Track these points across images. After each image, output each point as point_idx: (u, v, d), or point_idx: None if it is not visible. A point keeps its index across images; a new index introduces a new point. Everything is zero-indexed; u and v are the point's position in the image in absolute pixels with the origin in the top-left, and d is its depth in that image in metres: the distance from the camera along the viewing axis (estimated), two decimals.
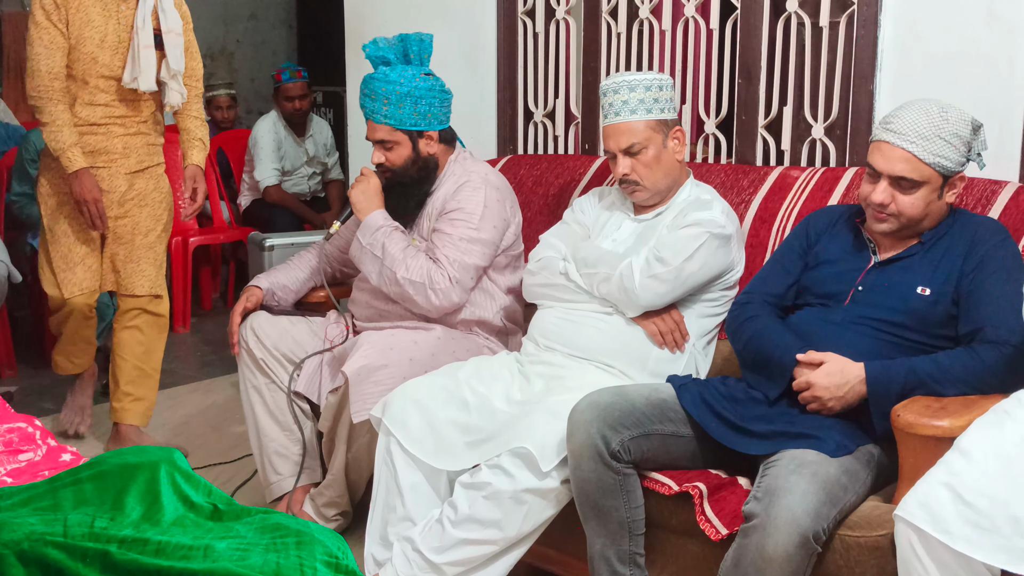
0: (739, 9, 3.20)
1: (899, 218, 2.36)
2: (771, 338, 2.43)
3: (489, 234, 2.92)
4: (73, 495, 1.72)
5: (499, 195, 2.98)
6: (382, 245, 2.90)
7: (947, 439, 2.01)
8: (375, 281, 2.94)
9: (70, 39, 3.35)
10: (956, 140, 2.30)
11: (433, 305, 2.88)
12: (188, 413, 4.29)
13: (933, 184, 2.33)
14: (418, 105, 2.93)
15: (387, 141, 2.97)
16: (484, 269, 2.97)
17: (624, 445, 2.32)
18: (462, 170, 3.02)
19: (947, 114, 2.30)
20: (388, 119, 2.94)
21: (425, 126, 2.97)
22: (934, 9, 2.82)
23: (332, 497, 2.98)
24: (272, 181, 5.77)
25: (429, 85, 2.96)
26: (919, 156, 2.29)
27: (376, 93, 2.93)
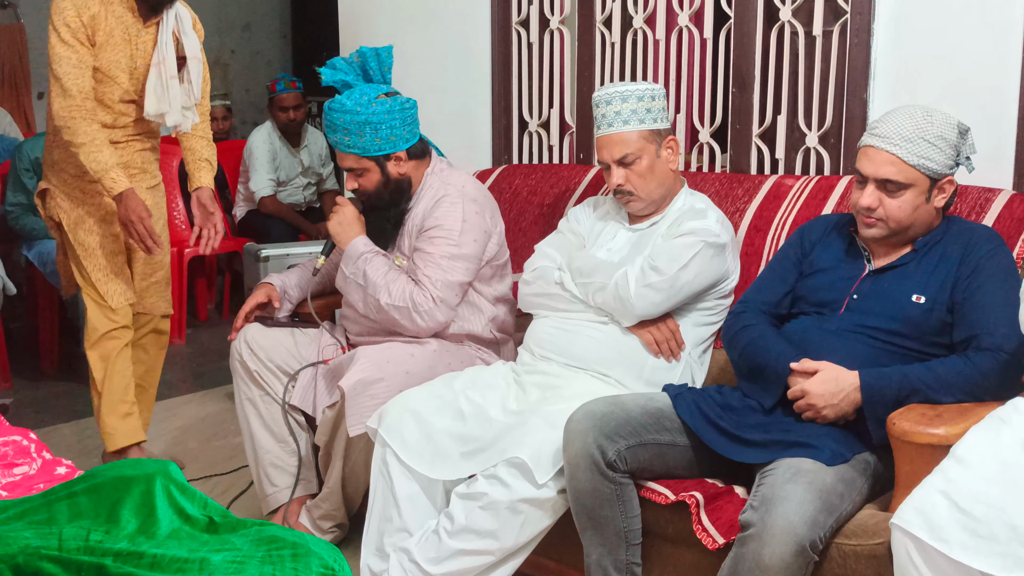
0: (733, 18, 3.21)
1: (887, 222, 2.37)
2: (766, 347, 2.43)
3: (471, 248, 2.90)
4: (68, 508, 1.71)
5: (478, 207, 2.94)
6: (364, 273, 2.88)
7: (943, 447, 2.01)
8: (362, 310, 2.93)
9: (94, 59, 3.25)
10: (941, 142, 2.31)
11: (419, 327, 2.86)
12: (184, 424, 4.28)
13: (920, 187, 2.33)
14: (378, 131, 2.87)
15: (356, 168, 2.94)
16: (469, 283, 2.95)
17: (620, 455, 2.31)
18: (439, 183, 2.98)
19: (932, 117, 2.32)
20: (352, 148, 2.90)
21: (390, 149, 2.91)
22: (927, 16, 2.83)
23: (328, 510, 2.97)
24: (267, 192, 5.77)
25: (387, 108, 2.88)
26: (903, 158, 2.30)
27: (336, 124, 2.89)
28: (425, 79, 4.11)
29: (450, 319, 2.91)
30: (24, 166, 4.90)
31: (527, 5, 3.76)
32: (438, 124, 4.01)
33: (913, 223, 2.38)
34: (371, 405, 2.71)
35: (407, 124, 2.94)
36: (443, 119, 4.02)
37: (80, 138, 3.19)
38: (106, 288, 3.43)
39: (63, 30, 3.17)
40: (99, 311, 3.44)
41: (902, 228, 2.38)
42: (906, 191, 2.33)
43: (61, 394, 4.73)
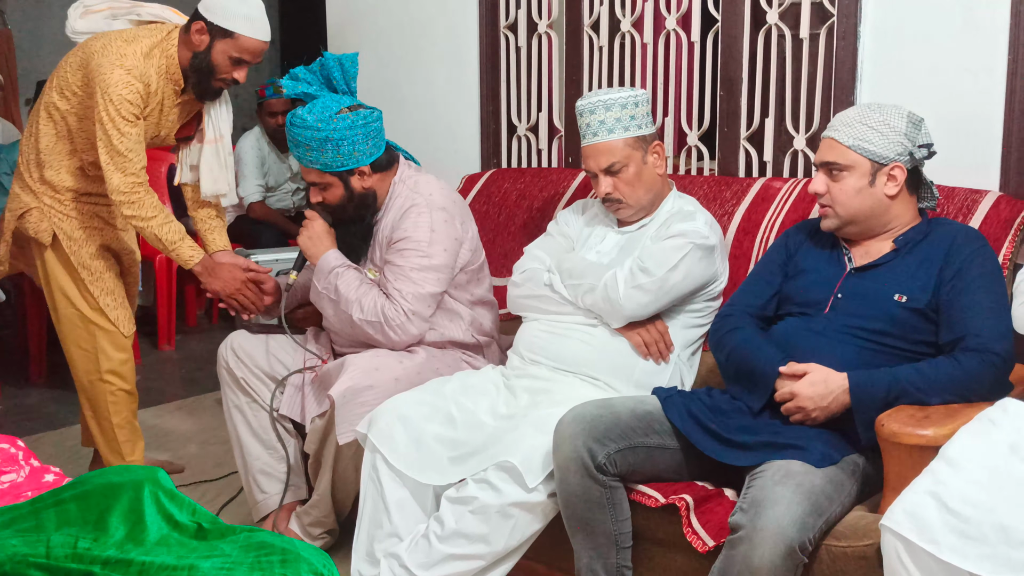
0: (720, 22, 3.22)
1: (835, 209, 2.42)
2: (753, 350, 2.44)
3: (441, 258, 2.87)
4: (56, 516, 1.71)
5: (446, 215, 2.90)
6: (335, 288, 2.86)
7: (932, 448, 2.02)
8: (336, 326, 2.92)
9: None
10: (884, 127, 2.36)
11: (393, 341, 2.84)
12: (173, 431, 4.27)
13: (860, 169, 2.38)
14: (340, 147, 2.83)
15: (319, 183, 2.91)
16: (441, 293, 2.92)
17: (610, 458, 2.32)
18: (408, 192, 2.94)
19: (880, 108, 2.40)
20: (314, 164, 2.86)
21: (353, 164, 2.87)
22: (912, 19, 2.84)
23: (318, 516, 2.96)
24: (256, 197, 5.75)
25: (348, 124, 2.82)
26: (840, 140, 2.38)
27: (296, 139, 2.84)
28: (413, 83, 4.11)
29: (423, 331, 2.89)
30: (4, 170, 4.89)
31: (515, 9, 3.77)
32: (426, 128, 4.02)
33: (861, 210, 2.40)
34: (361, 413, 2.70)
35: (370, 138, 2.88)
36: (432, 123, 4.03)
37: (149, 212, 3.06)
38: (116, 314, 3.28)
39: (125, 107, 3.02)
40: (109, 340, 3.27)
41: (851, 215, 2.41)
42: (847, 173, 2.39)
43: (49, 402, 4.71)
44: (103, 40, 3.09)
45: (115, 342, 3.29)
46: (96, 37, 3.14)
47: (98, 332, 3.27)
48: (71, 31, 3.28)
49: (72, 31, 3.27)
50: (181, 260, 3.13)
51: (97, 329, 3.27)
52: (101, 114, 3.01)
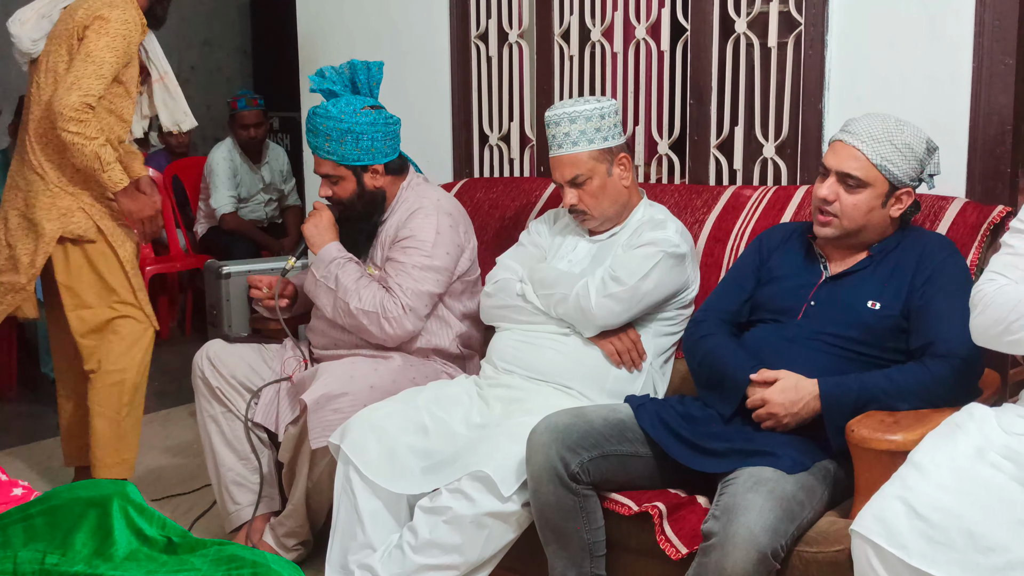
0: (689, 31, 3.24)
1: (841, 220, 2.40)
2: (724, 356, 2.45)
3: (442, 261, 2.91)
4: (23, 531, 1.69)
5: (452, 221, 2.96)
6: (336, 277, 2.88)
7: (901, 453, 2.03)
8: (330, 314, 2.92)
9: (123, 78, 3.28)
10: (907, 151, 2.35)
11: (387, 334, 2.86)
12: (145, 443, 4.23)
13: (878, 188, 2.36)
14: (360, 141, 2.89)
15: (332, 176, 2.95)
16: (439, 296, 2.95)
17: (583, 466, 2.32)
18: (415, 196, 3.00)
19: (903, 126, 2.37)
20: (331, 155, 2.90)
21: (369, 160, 2.93)
22: (878, 29, 2.87)
23: (292, 527, 2.95)
24: (228, 209, 5.74)
25: (371, 120, 2.90)
26: (868, 156, 2.34)
27: (318, 129, 2.90)
28: (384, 94, 4.09)
29: (418, 328, 2.90)
30: None
31: (485, 19, 3.77)
32: None
33: (865, 226, 2.41)
34: (334, 419, 2.69)
35: (388, 139, 2.95)
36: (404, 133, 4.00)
37: (93, 132, 3.12)
38: (148, 310, 3.41)
39: (120, 42, 3.16)
40: (147, 335, 3.43)
41: (854, 229, 2.41)
42: (864, 190, 2.36)
43: (18, 415, 4.67)
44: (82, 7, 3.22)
45: (146, 335, 3.42)
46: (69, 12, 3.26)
47: (127, 325, 3.38)
48: (28, 45, 3.39)
49: (30, 42, 3.38)
50: (112, 182, 3.20)
51: (126, 322, 3.38)
52: (89, 44, 3.13)
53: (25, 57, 3.45)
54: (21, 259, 3.33)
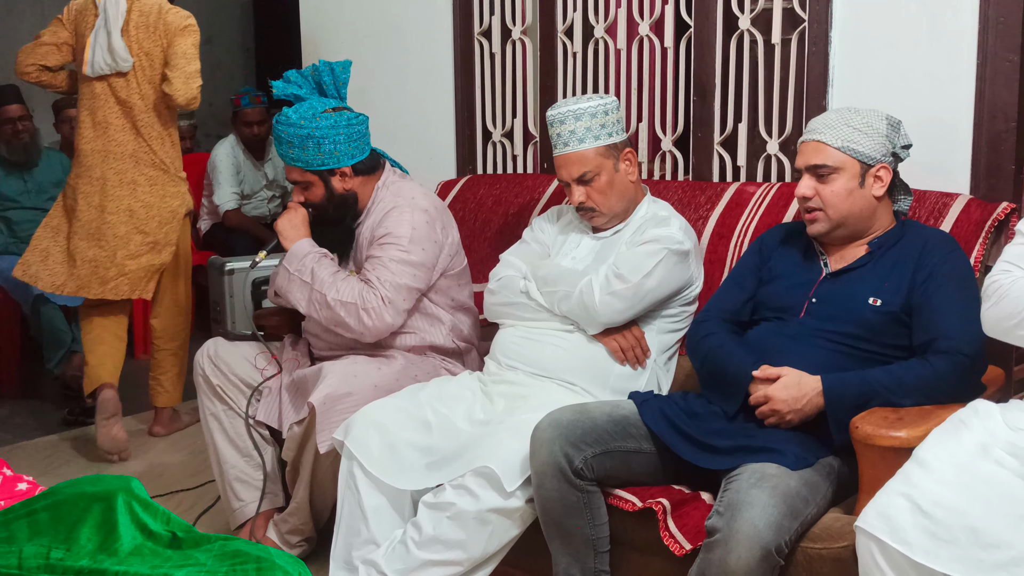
0: (692, 27, 3.24)
1: (827, 211, 2.42)
2: (726, 354, 2.45)
3: (419, 256, 2.87)
4: (28, 526, 1.69)
5: (428, 217, 2.92)
6: (311, 271, 2.86)
7: (905, 449, 2.03)
8: (304, 309, 2.89)
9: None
10: (868, 128, 2.39)
11: (366, 326, 2.82)
12: (149, 440, 4.24)
13: (850, 170, 2.39)
14: (322, 145, 2.86)
15: (300, 182, 2.94)
16: (420, 291, 2.92)
17: (587, 463, 2.32)
18: (390, 196, 2.97)
19: (858, 110, 2.43)
20: (296, 161, 2.90)
21: (334, 164, 2.90)
22: (880, 26, 2.87)
23: (296, 524, 2.95)
24: (231, 205, 5.74)
25: (331, 123, 2.87)
26: (828, 143, 2.39)
27: (280, 137, 2.89)
28: (387, 91, 4.11)
29: (397, 323, 2.87)
30: None
31: (489, 16, 3.77)
32: (401, 136, 4.02)
33: (852, 212, 2.42)
34: (340, 420, 2.69)
35: (353, 140, 2.92)
36: (406, 130, 4.02)
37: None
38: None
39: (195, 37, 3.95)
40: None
41: (842, 217, 2.42)
42: (837, 175, 2.40)
43: (22, 412, 4.68)
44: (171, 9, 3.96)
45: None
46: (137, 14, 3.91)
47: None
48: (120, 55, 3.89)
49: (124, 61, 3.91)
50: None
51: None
52: (181, 45, 3.87)
53: (113, 69, 3.91)
54: (159, 239, 4.00)
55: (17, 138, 4.92)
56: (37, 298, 4.63)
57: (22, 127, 4.93)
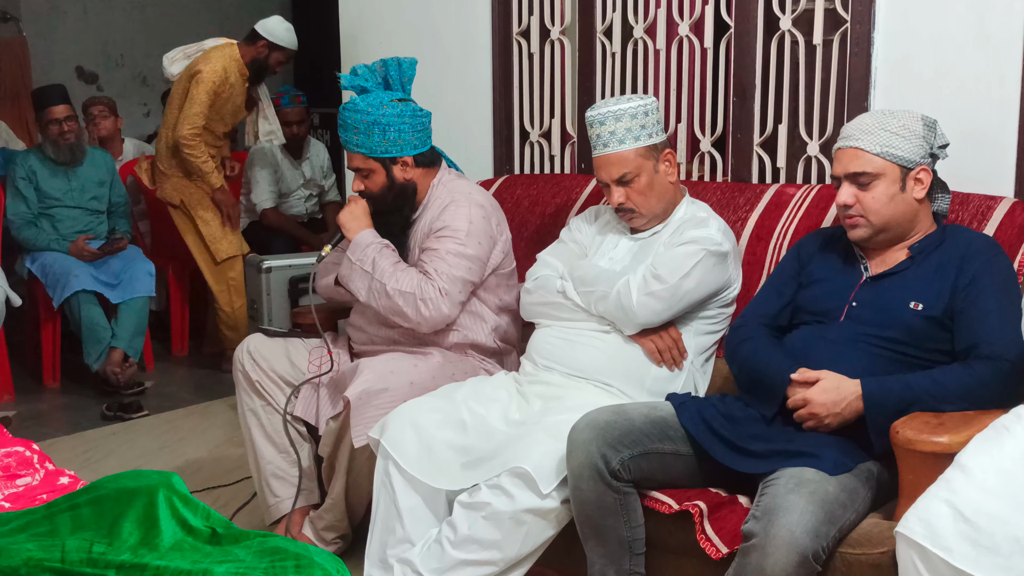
0: (733, 28, 3.22)
1: (869, 218, 2.40)
2: (764, 358, 2.44)
3: (475, 250, 2.90)
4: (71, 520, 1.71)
5: (484, 212, 2.96)
6: (372, 260, 2.89)
7: (947, 455, 2.01)
8: (364, 298, 2.91)
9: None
10: (906, 132, 2.36)
11: (423, 317, 2.85)
12: (187, 435, 4.28)
13: (890, 175, 2.37)
14: (387, 132, 2.90)
15: (362, 169, 2.97)
16: (474, 285, 2.94)
17: (624, 464, 2.31)
18: (447, 192, 3.00)
19: (894, 113, 2.40)
20: (360, 147, 2.92)
21: (397, 152, 2.93)
22: (926, 27, 2.84)
23: (331, 521, 2.97)
24: (269, 204, 5.77)
25: (398, 112, 2.91)
26: (867, 149, 2.37)
27: (347, 123, 2.92)
28: (426, 91, 4.10)
29: (454, 314, 2.90)
30: (20, 175, 4.92)
31: (527, 16, 3.77)
32: (439, 135, 4.00)
33: (894, 216, 2.39)
34: (375, 416, 2.70)
35: (416, 131, 2.96)
36: (444, 130, 4.02)
37: (201, 156, 4.96)
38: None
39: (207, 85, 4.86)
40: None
41: (884, 223, 2.40)
42: (878, 181, 2.37)
43: (62, 406, 4.74)
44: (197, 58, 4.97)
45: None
46: (196, 61, 4.96)
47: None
48: (168, 74, 5.10)
49: (168, 75, 5.10)
50: (211, 183, 5.01)
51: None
52: (192, 91, 4.85)
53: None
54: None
55: (63, 138, 4.97)
56: (77, 294, 4.68)
57: (68, 127, 4.98)
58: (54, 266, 4.81)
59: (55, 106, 4.97)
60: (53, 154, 4.98)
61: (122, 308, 4.81)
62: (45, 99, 5.02)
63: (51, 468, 2.20)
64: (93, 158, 5.16)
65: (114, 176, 5.24)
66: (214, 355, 5.39)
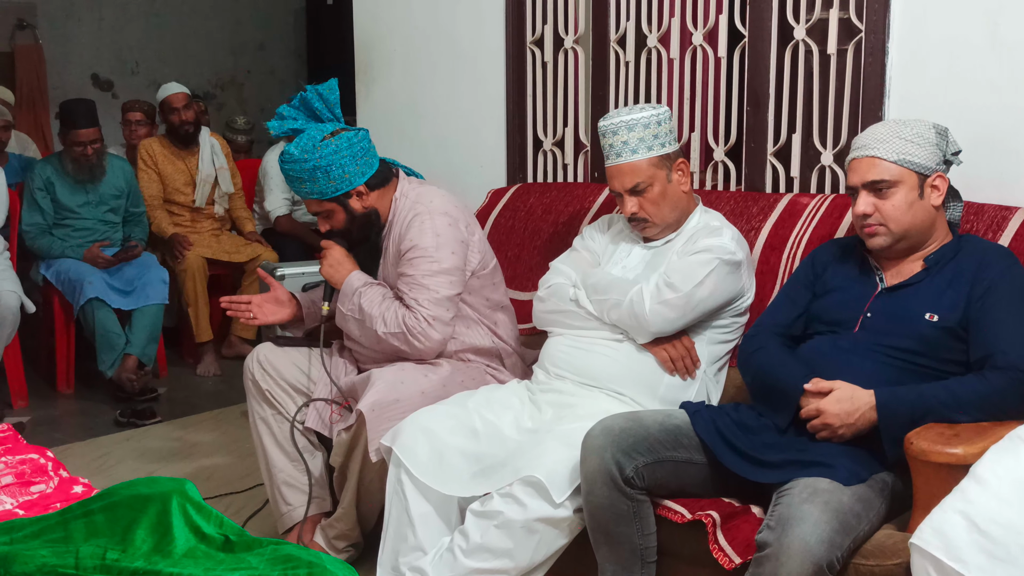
0: (747, 37, 3.22)
1: (889, 226, 2.39)
2: (777, 367, 2.43)
3: (450, 261, 2.88)
4: (85, 527, 1.72)
5: (449, 219, 2.92)
6: (359, 307, 2.88)
7: (961, 466, 2.00)
8: (365, 343, 2.93)
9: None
10: (919, 139, 2.37)
11: (419, 350, 2.85)
12: (199, 443, 4.29)
13: (909, 183, 2.37)
14: (330, 172, 2.87)
15: (321, 212, 2.96)
16: (458, 295, 2.93)
17: (638, 471, 2.31)
18: (408, 205, 2.97)
19: (906, 122, 2.41)
20: (311, 194, 2.91)
21: (347, 187, 2.91)
22: (939, 36, 2.83)
23: (343, 530, 2.97)
24: (283, 211, 5.79)
25: (332, 149, 2.86)
26: (884, 157, 2.37)
27: (289, 175, 2.91)
28: (439, 98, 4.12)
29: (447, 335, 2.89)
30: (38, 185, 4.94)
31: (541, 24, 3.78)
32: (452, 143, 4.04)
33: (914, 224, 2.39)
34: (388, 427, 2.70)
35: (359, 159, 2.92)
36: (457, 138, 4.04)
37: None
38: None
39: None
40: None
41: (904, 230, 2.39)
42: (897, 189, 2.37)
43: (76, 413, 4.76)
44: None
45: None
46: None
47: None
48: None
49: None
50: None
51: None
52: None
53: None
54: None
55: (86, 159, 4.98)
56: (91, 301, 4.70)
57: (92, 151, 4.98)
58: (69, 273, 4.84)
59: (82, 129, 4.95)
60: (72, 172, 4.98)
61: (136, 315, 4.83)
62: (73, 119, 4.99)
63: (65, 476, 2.21)
64: (112, 167, 5.15)
65: (132, 185, 5.25)
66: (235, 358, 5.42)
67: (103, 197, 5.09)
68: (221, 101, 8.16)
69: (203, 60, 8.12)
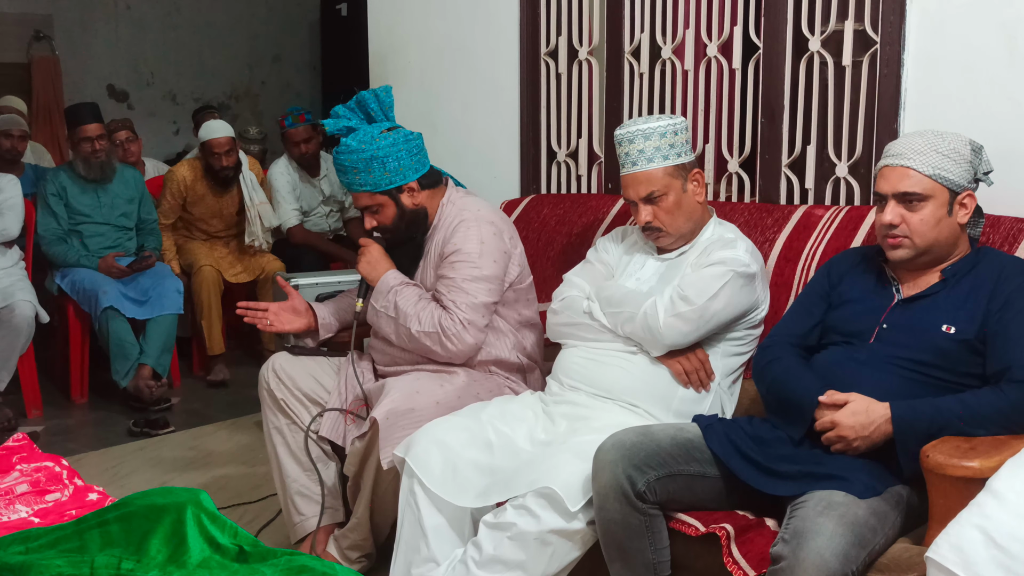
0: (761, 49, 3.22)
1: (912, 239, 2.37)
2: (792, 379, 2.42)
3: (491, 269, 2.90)
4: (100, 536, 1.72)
5: (495, 229, 2.95)
6: (395, 304, 2.90)
7: (978, 480, 1.99)
8: (396, 341, 2.94)
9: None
10: (955, 155, 2.34)
11: (451, 352, 2.87)
12: (213, 452, 4.29)
13: (939, 198, 2.34)
14: (386, 164, 2.90)
15: (371, 206, 2.97)
16: (494, 304, 2.95)
17: (650, 485, 2.30)
18: (455, 211, 3.00)
19: (943, 135, 2.37)
20: (364, 186, 2.92)
21: (401, 180, 2.93)
22: (956, 48, 2.83)
23: (356, 540, 2.96)
24: (294, 222, 5.80)
25: (391, 141, 2.91)
26: (919, 169, 2.34)
27: (344, 166, 2.92)
28: (453, 110, 4.13)
29: (480, 341, 2.91)
30: (51, 191, 4.97)
31: (555, 36, 3.78)
32: (466, 154, 4.04)
33: (938, 240, 2.37)
34: (402, 436, 2.70)
35: (414, 155, 2.95)
36: (471, 149, 4.05)
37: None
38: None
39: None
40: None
41: (928, 245, 2.38)
42: (927, 203, 2.34)
43: (91, 422, 4.77)
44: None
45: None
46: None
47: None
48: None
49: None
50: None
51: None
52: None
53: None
54: None
55: (95, 156, 5.02)
56: (106, 311, 4.72)
57: (99, 146, 5.04)
58: (83, 282, 4.86)
59: (87, 124, 5.01)
60: (84, 171, 5.03)
61: (150, 325, 4.85)
62: (78, 117, 5.07)
63: (80, 484, 2.21)
64: (123, 175, 5.20)
65: (143, 193, 5.28)
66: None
67: (115, 201, 5.12)
68: (236, 112, 8.20)
69: (218, 72, 8.16)
